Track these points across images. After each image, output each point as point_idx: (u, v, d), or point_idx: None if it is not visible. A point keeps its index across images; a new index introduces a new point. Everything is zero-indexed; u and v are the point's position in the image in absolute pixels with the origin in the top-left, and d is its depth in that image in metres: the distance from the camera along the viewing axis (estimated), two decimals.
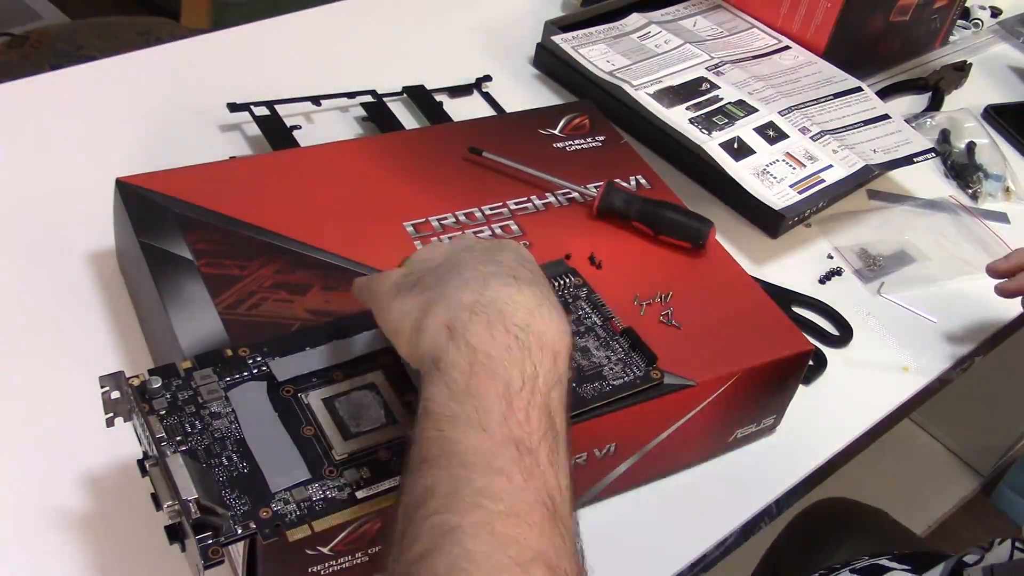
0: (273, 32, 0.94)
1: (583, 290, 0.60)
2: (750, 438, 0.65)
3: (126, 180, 0.63)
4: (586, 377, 0.55)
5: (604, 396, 0.55)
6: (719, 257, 0.69)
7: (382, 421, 0.51)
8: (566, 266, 0.62)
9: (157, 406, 0.49)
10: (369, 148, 0.71)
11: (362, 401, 0.51)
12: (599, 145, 0.76)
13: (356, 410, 0.51)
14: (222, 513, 0.45)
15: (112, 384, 0.48)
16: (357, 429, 0.50)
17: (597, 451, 0.56)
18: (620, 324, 0.58)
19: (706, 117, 0.83)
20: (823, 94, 0.89)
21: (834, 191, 0.80)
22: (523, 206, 0.69)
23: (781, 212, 0.77)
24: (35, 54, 1.30)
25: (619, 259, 0.66)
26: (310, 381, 0.52)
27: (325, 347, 0.54)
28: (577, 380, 0.55)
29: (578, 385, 0.55)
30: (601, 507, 0.60)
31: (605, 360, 0.56)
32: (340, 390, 0.52)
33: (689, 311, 0.63)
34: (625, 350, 0.57)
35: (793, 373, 0.64)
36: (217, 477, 0.47)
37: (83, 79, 0.85)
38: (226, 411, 0.50)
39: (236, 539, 0.44)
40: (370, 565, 0.52)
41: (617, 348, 0.57)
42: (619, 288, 0.63)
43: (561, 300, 0.57)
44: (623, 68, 0.88)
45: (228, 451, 0.48)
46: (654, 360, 0.57)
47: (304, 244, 0.62)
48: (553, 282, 0.59)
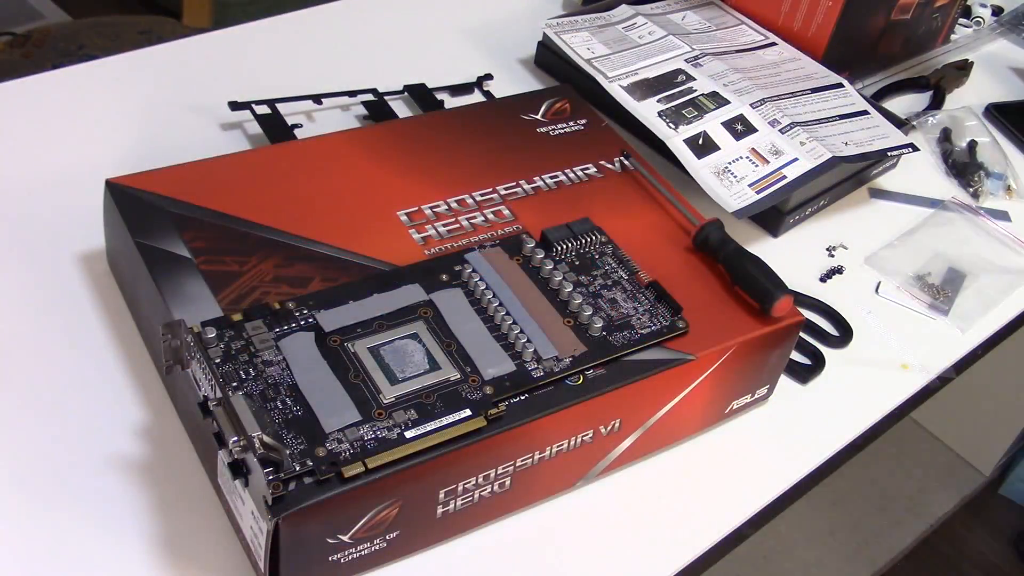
0: (274, 31, 0.94)
1: (609, 247, 0.64)
2: (744, 409, 0.67)
3: (116, 181, 0.63)
4: (615, 327, 0.59)
5: (633, 344, 0.58)
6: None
7: (425, 367, 0.54)
8: (591, 224, 0.65)
9: (213, 355, 0.52)
10: (359, 139, 0.72)
11: (406, 349, 0.55)
12: (581, 128, 0.77)
13: (401, 357, 0.54)
14: (282, 450, 0.47)
15: (171, 333, 0.51)
16: (403, 375, 0.53)
17: (603, 428, 0.58)
18: (646, 278, 0.62)
19: (675, 110, 0.82)
20: (801, 88, 0.89)
21: (795, 186, 0.78)
22: (513, 191, 0.69)
23: (733, 214, 0.75)
24: (37, 53, 1.30)
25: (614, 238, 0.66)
26: (356, 331, 0.55)
27: (367, 299, 0.57)
28: (607, 329, 0.58)
29: (608, 334, 0.58)
30: (606, 482, 0.62)
31: (632, 311, 0.60)
32: (385, 339, 0.55)
33: (685, 286, 0.63)
34: (651, 302, 0.61)
35: (785, 343, 0.65)
36: (273, 419, 0.50)
37: (85, 78, 0.85)
38: (277, 359, 0.53)
39: (296, 474, 0.48)
40: (388, 552, 0.53)
41: (644, 300, 0.61)
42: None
43: (587, 256, 0.63)
44: (601, 57, 0.88)
45: (282, 395, 0.51)
46: (680, 310, 0.60)
47: (300, 237, 0.62)
48: (579, 239, 0.64)
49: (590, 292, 0.61)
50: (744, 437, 0.67)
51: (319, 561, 0.50)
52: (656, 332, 0.59)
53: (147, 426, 0.59)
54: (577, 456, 0.58)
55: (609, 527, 0.60)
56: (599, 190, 0.71)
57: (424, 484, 0.52)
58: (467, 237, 0.65)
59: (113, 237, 0.65)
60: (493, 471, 0.54)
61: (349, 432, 0.50)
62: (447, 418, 0.52)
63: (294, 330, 0.55)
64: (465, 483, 0.53)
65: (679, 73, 0.87)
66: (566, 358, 0.56)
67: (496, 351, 0.56)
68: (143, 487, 0.56)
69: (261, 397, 0.51)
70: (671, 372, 0.58)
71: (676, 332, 0.59)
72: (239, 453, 0.47)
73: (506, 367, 0.55)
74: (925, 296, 0.81)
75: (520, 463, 0.55)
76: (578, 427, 0.56)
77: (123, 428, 0.59)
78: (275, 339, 0.54)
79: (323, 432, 0.50)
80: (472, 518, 0.56)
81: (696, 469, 0.64)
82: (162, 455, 0.58)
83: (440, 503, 0.53)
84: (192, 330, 0.52)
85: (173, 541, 0.54)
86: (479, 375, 0.54)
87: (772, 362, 0.66)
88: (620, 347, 0.58)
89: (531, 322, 0.58)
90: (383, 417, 0.51)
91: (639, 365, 0.58)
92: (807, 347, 0.73)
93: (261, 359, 0.53)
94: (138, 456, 0.58)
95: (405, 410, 0.52)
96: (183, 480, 0.57)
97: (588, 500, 0.61)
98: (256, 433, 0.47)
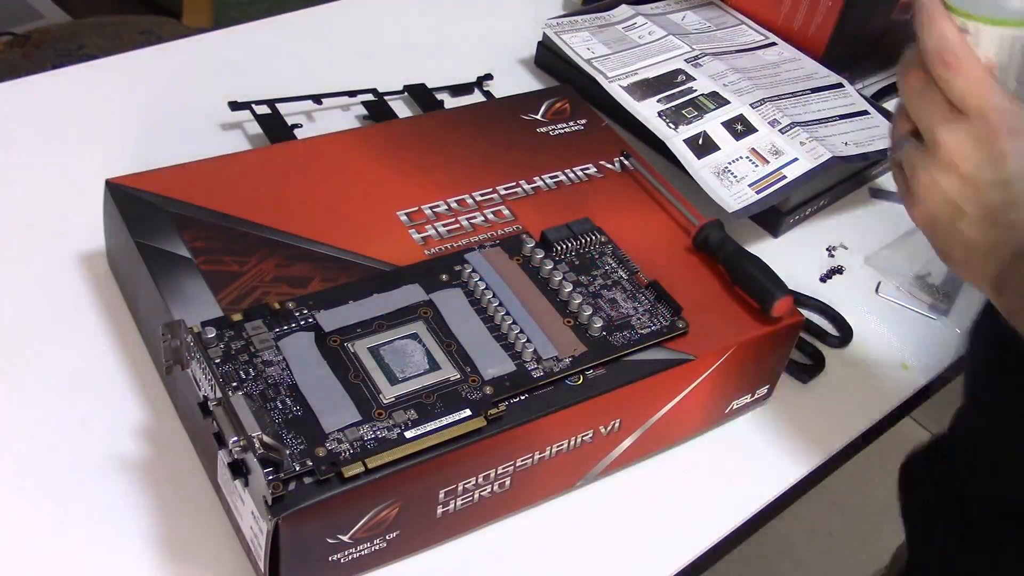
0: (274, 31, 0.94)
1: (608, 247, 0.64)
2: (744, 409, 0.67)
3: (116, 181, 0.63)
4: (615, 327, 0.59)
5: (633, 344, 0.58)
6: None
7: (425, 367, 0.54)
8: (591, 224, 0.65)
9: (212, 354, 0.52)
10: (359, 139, 0.72)
11: (406, 349, 0.55)
12: (581, 129, 0.77)
13: (400, 358, 0.54)
14: (282, 450, 0.47)
15: (171, 333, 0.51)
16: (402, 375, 0.53)
17: (603, 428, 0.58)
18: (646, 278, 0.62)
19: (675, 110, 0.82)
20: (801, 88, 0.89)
21: (795, 186, 0.79)
22: (513, 191, 0.69)
23: (733, 214, 0.76)
24: (37, 53, 1.30)
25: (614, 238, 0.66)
26: (355, 332, 0.55)
27: (367, 299, 0.57)
28: (607, 329, 0.58)
29: (608, 334, 0.58)
30: (606, 483, 0.62)
31: (632, 311, 0.60)
32: (384, 339, 0.55)
33: (685, 286, 0.63)
34: (651, 302, 0.61)
35: (785, 344, 0.65)
36: (273, 419, 0.50)
37: (84, 78, 0.85)
38: (277, 359, 0.53)
39: (296, 474, 0.48)
40: (387, 552, 0.53)
41: (643, 300, 0.61)
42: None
43: (587, 256, 0.63)
44: (601, 57, 0.88)
45: (282, 395, 0.51)
46: (680, 310, 0.60)
47: (299, 237, 0.62)
48: (579, 239, 0.64)
49: (590, 292, 0.61)
50: (744, 437, 0.67)
51: (319, 561, 0.50)
52: (656, 332, 0.59)
53: (147, 426, 0.59)
54: (577, 456, 0.58)
55: (609, 527, 0.60)
56: (599, 190, 0.71)
57: (424, 484, 0.52)
58: (467, 237, 0.65)
59: (113, 237, 0.65)
60: (493, 471, 0.54)
61: (349, 432, 0.50)
62: (447, 418, 0.52)
63: (294, 330, 0.55)
64: (465, 483, 0.53)
65: (679, 73, 0.87)
66: (566, 358, 0.56)
67: (496, 351, 0.56)
68: (142, 487, 0.56)
69: (261, 397, 0.51)
70: (671, 372, 0.58)
71: (676, 332, 0.59)
72: (239, 453, 0.47)
73: (506, 367, 0.55)
74: (925, 296, 0.80)
75: (520, 463, 0.55)
76: (578, 427, 0.56)
77: (123, 427, 0.59)
78: (275, 339, 0.54)
79: (323, 432, 0.50)
80: (472, 518, 0.56)
81: (696, 469, 0.64)
82: (162, 455, 0.58)
83: (440, 503, 0.53)
84: (192, 330, 0.52)
85: (173, 541, 0.54)
86: (479, 375, 0.54)
87: (772, 362, 0.66)
88: (620, 347, 0.58)
89: (531, 322, 0.58)
90: (383, 417, 0.51)
91: (639, 365, 0.58)
92: (807, 347, 0.73)
93: (261, 359, 0.53)
94: (138, 456, 0.58)
95: (405, 410, 0.52)
96: (183, 480, 0.57)
97: (588, 500, 0.61)
98: (256, 433, 0.47)
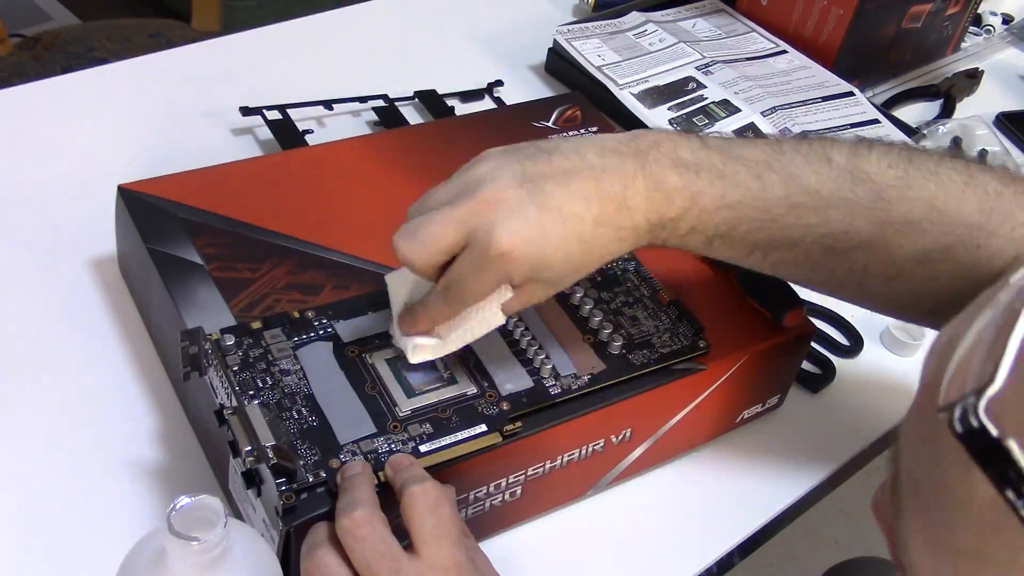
0: (285, 36, 0.94)
1: (631, 264, 0.63)
2: (755, 418, 0.66)
3: (128, 187, 0.63)
4: (636, 345, 0.58)
5: (653, 363, 0.57)
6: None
7: (443, 381, 0.54)
8: None
9: (231, 362, 0.52)
10: (371, 146, 0.72)
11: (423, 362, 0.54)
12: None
13: (418, 371, 0.54)
14: (296, 460, 0.47)
15: (190, 339, 0.51)
16: (419, 388, 0.53)
17: (614, 437, 0.57)
18: (667, 296, 0.61)
19: (686, 118, 0.82)
20: (812, 96, 0.89)
21: None
22: None
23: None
24: (46, 56, 1.30)
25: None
26: (374, 343, 0.55)
27: (387, 311, 0.56)
28: (627, 347, 0.58)
29: (628, 352, 0.57)
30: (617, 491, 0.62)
31: (654, 329, 0.59)
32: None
33: (696, 296, 0.63)
34: (672, 320, 0.60)
35: (797, 353, 0.65)
36: (289, 429, 0.49)
37: (96, 83, 0.85)
38: (295, 369, 0.53)
39: (309, 486, 0.47)
40: None
41: (664, 319, 0.60)
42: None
43: (611, 273, 0.62)
44: (612, 65, 0.88)
45: (298, 405, 0.51)
46: (701, 330, 0.59)
47: (311, 244, 0.62)
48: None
49: (611, 309, 0.60)
50: (755, 446, 0.67)
51: None
52: (676, 352, 0.58)
53: (158, 431, 0.59)
54: (588, 465, 0.58)
55: (620, 536, 0.60)
56: None
57: None
58: None
59: (125, 243, 0.65)
60: (504, 480, 0.54)
61: (363, 444, 0.50)
62: (462, 433, 0.51)
63: (312, 340, 0.55)
64: (476, 492, 0.53)
65: (690, 81, 0.87)
66: (584, 376, 0.56)
67: (514, 366, 0.55)
68: (153, 491, 0.56)
69: (277, 406, 0.51)
70: (682, 382, 0.58)
71: (697, 352, 0.59)
72: (252, 463, 0.47)
73: (524, 383, 0.55)
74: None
75: (531, 472, 0.55)
76: (589, 436, 0.56)
77: (133, 433, 0.59)
78: (293, 348, 0.54)
79: (337, 444, 0.50)
80: (483, 527, 0.56)
81: (707, 478, 0.64)
82: (173, 460, 0.58)
83: None
84: (211, 337, 0.52)
85: None
86: (496, 390, 0.54)
87: (783, 372, 0.66)
88: (639, 366, 0.57)
89: (550, 338, 0.57)
90: (398, 430, 0.51)
91: (651, 375, 0.57)
92: (818, 356, 0.73)
93: (279, 368, 0.53)
94: (149, 460, 0.58)
95: (420, 423, 0.52)
96: (193, 485, 0.57)
97: (599, 509, 0.61)
98: (270, 444, 0.47)
